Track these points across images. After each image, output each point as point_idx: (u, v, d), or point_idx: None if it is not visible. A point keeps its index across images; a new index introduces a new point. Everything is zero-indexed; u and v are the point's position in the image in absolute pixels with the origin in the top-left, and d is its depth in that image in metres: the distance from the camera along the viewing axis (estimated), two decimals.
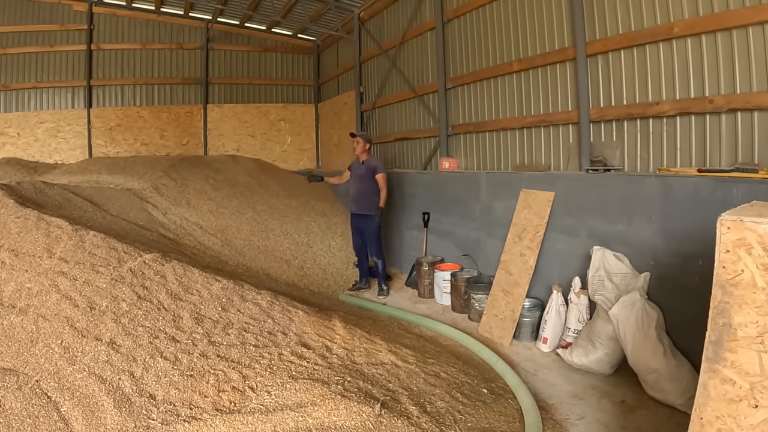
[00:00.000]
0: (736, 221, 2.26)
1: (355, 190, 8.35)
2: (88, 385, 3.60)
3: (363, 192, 8.27)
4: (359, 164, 8.33)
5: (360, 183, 8.30)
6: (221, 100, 16.32)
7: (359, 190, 8.30)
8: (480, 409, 4.02)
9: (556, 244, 6.09)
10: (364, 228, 8.30)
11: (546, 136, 7.56)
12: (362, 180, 8.27)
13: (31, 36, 14.56)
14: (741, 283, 2.26)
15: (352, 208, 8.46)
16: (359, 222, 8.37)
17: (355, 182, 8.33)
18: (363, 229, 8.33)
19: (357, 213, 8.38)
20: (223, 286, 5.02)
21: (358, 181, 8.31)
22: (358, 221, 8.40)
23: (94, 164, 11.06)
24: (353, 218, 8.49)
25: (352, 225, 8.53)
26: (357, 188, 8.32)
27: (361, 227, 8.34)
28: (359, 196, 8.31)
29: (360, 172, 8.29)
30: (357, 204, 8.34)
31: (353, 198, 8.41)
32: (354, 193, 8.39)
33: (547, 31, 7.31)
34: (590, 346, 5.03)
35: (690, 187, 4.72)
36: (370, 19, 13.05)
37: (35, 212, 5.75)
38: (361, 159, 8.34)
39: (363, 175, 8.26)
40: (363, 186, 8.27)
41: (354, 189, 8.38)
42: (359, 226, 8.39)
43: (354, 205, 8.41)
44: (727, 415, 2.29)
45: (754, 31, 4.84)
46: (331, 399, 3.48)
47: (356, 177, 8.33)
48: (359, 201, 8.31)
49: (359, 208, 8.32)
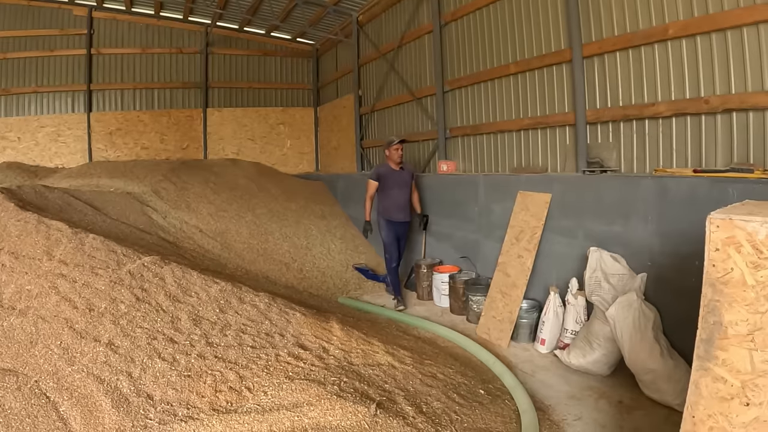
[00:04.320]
0: (726, 220, 2.27)
1: (400, 198, 7.95)
2: (86, 385, 3.61)
3: (407, 199, 8.06)
4: (398, 172, 7.97)
5: (405, 190, 8.00)
6: (221, 104, 16.39)
7: (405, 197, 8.02)
8: (477, 410, 4.03)
9: (554, 245, 6.10)
10: (404, 234, 8.21)
11: (543, 138, 7.59)
12: (406, 186, 8.03)
13: (32, 41, 14.63)
14: (731, 281, 2.27)
15: (395, 216, 7.95)
16: (402, 230, 8.14)
17: (397, 189, 7.92)
18: (402, 236, 8.17)
19: (403, 221, 8.06)
20: (221, 288, 5.03)
21: (402, 188, 7.98)
22: (401, 229, 8.10)
23: (95, 168, 11.10)
24: (396, 227, 8.02)
25: (393, 234, 8.01)
26: (401, 196, 7.97)
27: (402, 233, 8.15)
28: (405, 204, 8.02)
29: (402, 179, 7.98)
30: (403, 212, 8.00)
31: (397, 206, 7.93)
32: (398, 201, 7.93)
33: (543, 34, 7.34)
34: (588, 347, 5.04)
35: (686, 187, 4.72)
36: (368, 23, 13.09)
37: (35, 215, 5.77)
38: (399, 166, 7.98)
39: (407, 182, 8.04)
40: (407, 193, 8.05)
41: (396, 197, 7.92)
42: (402, 233, 8.16)
43: (398, 213, 7.95)
44: (719, 413, 2.30)
45: (749, 31, 4.86)
46: (327, 399, 3.49)
47: (396, 184, 7.91)
48: (405, 209, 8.02)
49: (405, 215, 8.05)
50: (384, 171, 7.95)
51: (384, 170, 7.96)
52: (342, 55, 15.37)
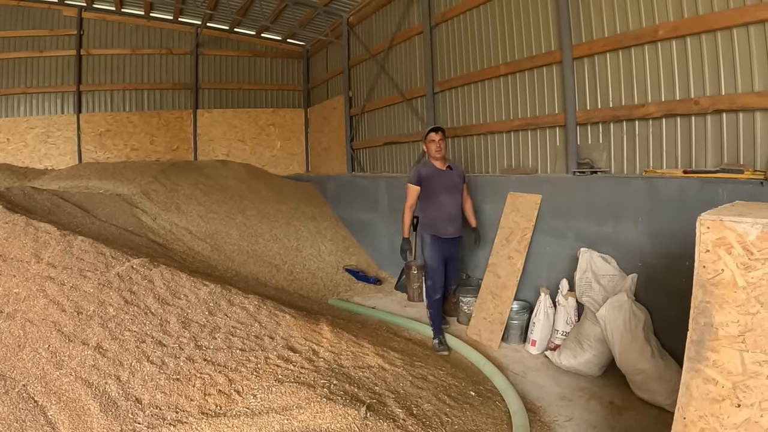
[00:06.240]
0: (716, 221, 2.27)
1: (449, 206, 6.12)
2: (74, 389, 3.58)
3: (458, 208, 6.25)
4: (445, 172, 6.17)
5: (455, 196, 6.18)
6: (211, 105, 16.33)
7: (455, 206, 6.18)
8: (467, 412, 4.03)
9: (544, 246, 6.11)
10: (456, 253, 6.44)
11: (533, 139, 7.59)
12: (456, 191, 6.22)
13: (21, 41, 14.53)
14: (721, 282, 2.27)
15: (442, 230, 6.10)
16: (452, 249, 6.29)
17: (446, 195, 6.09)
18: (453, 255, 6.37)
19: (453, 237, 6.19)
20: (211, 290, 5.02)
21: (452, 193, 6.15)
22: (450, 248, 6.24)
23: (84, 170, 11.04)
24: (443, 245, 6.16)
25: (439, 255, 6.16)
26: (451, 204, 6.14)
27: (453, 252, 6.35)
28: (455, 214, 6.19)
29: (451, 181, 6.16)
30: (453, 224, 6.13)
31: (445, 217, 6.09)
32: (447, 211, 6.10)
33: (533, 35, 7.34)
34: (578, 348, 5.05)
35: (676, 188, 4.75)
36: (358, 24, 13.07)
37: (24, 218, 5.73)
38: (446, 165, 6.24)
39: (457, 185, 6.22)
40: (458, 200, 6.24)
41: (445, 206, 6.09)
42: (452, 251, 6.32)
43: (447, 226, 6.09)
44: (710, 415, 2.30)
45: (739, 32, 4.86)
46: (317, 402, 3.48)
47: (444, 189, 6.09)
48: (455, 220, 6.18)
49: (456, 229, 6.19)
50: (427, 172, 6.15)
51: (427, 171, 6.16)
52: (332, 56, 15.34)
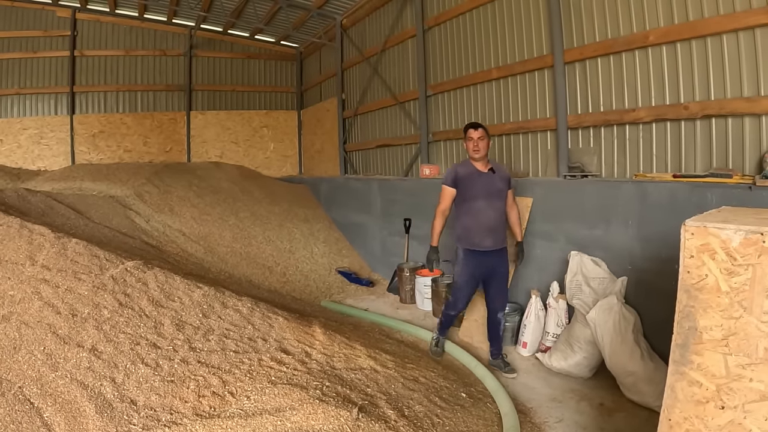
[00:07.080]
0: (700, 227, 2.32)
1: (488, 214, 5.23)
2: (70, 391, 3.60)
3: (500, 218, 5.35)
4: (486, 175, 5.28)
5: (497, 203, 5.28)
6: (204, 106, 16.34)
7: (496, 214, 5.29)
8: (458, 413, 4.06)
9: (535, 249, 6.15)
10: (498, 268, 5.36)
11: (525, 142, 7.64)
12: (499, 198, 5.31)
13: (14, 42, 14.52)
14: (705, 287, 2.32)
15: (479, 242, 5.23)
16: (490, 263, 5.31)
17: (484, 201, 5.21)
18: (494, 271, 5.33)
19: (491, 249, 5.26)
20: (204, 293, 5.03)
21: (493, 199, 5.26)
22: (487, 262, 5.29)
23: (77, 171, 11.01)
24: (479, 260, 5.27)
25: (470, 271, 5.31)
26: (491, 211, 5.25)
27: (494, 268, 5.33)
28: (496, 223, 5.28)
29: (493, 185, 5.27)
30: (492, 236, 5.23)
31: (483, 227, 5.21)
32: (486, 219, 5.22)
33: (525, 39, 7.40)
34: (569, 350, 5.08)
35: (666, 192, 4.80)
36: (352, 27, 13.11)
37: (18, 220, 5.73)
38: (488, 167, 5.33)
39: (500, 190, 5.32)
40: (501, 207, 5.34)
41: (483, 214, 5.22)
42: (493, 267, 5.32)
43: (485, 237, 5.21)
44: (694, 417, 2.35)
45: (728, 38, 4.94)
46: (310, 403, 3.50)
47: (483, 193, 5.22)
48: (496, 231, 5.27)
49: (496, 241, 5.27)
50: (465, 172, 5.31)
51: (465, 171, 5.32)
52: (326, 59, 15.36)
